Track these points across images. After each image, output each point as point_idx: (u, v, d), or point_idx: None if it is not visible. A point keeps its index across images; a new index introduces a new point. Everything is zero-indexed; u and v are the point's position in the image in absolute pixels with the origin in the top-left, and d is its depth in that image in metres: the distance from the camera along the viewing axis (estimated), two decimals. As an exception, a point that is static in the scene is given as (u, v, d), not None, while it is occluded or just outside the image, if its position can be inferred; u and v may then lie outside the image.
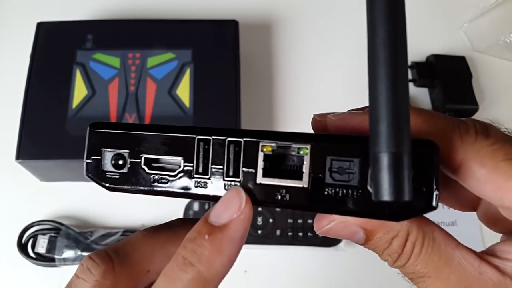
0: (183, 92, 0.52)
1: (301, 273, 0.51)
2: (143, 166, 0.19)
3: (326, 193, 0.18)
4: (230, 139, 0.19)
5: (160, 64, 0.53)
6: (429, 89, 0.61)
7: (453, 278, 0.18)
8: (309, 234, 0.50)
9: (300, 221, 0.50)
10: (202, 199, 0.19)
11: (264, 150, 0.18)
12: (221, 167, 0.19)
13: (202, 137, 0.19)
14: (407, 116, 0.15)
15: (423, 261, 0.19)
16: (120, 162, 0.20)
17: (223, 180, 0.19)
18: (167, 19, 0.58)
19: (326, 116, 0.20)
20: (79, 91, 0.51)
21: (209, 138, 0.19)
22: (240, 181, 0.19)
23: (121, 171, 0.20)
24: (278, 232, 0.50)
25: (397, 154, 0.14)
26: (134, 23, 0.57)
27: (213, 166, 0.19)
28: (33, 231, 0.50)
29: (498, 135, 0.18)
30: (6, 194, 0.54)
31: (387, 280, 0.50)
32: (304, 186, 0.18)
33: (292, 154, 0.18)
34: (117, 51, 0.53)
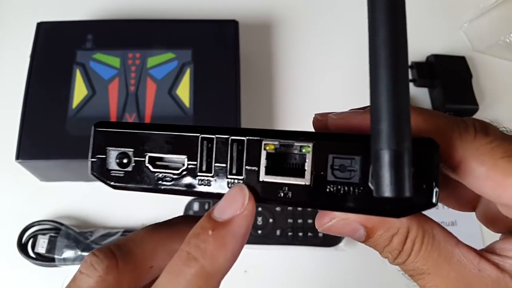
0: (183, 92, 0.52)
1: (301, 273, 0.51)
2: (147, 165, 0.20)
3: (328, 190, 0.18)
4: (233, 137, 0.19)
5: (160, 64, 0.53)
6: (429, 89, 0.61)
7: (452, 275, 0.19)
8: (309, 234, 0.50)
9: (300, 221, 0.50)
10: (205, 197, 0.19)
11: (267, 148, 0.19)
12: (224, 165, 0.19)
13: (205, 135, 0.19)
14: (407, 115, 0.15)
15: (423, 258, 0.19)
16: (125, 160, 0.20)
17: (227, 178, 0.19)
18: (167, 19, 0.58)
19: (327, 115, 0.21)
20: (79, 91, 0.51)
21: (213, 136, 0.19)
22: (243, 179, 0.19)
23: (126, 169, 0.20)
24: (278, 232, 0.50)
25: (398, 151, 0.15)
26: (134, 23, 0.57)
27: (216, 164, 0.19)
28: (33, 231, 0.50)
29: (497, 133, 0.18)
30: (6, 194, 0.54)
31: (387, 280, 0.50)
32: (306, 183, 0.18)
33: (294, 152, 0.19)
34: (117, 51, 0.53)
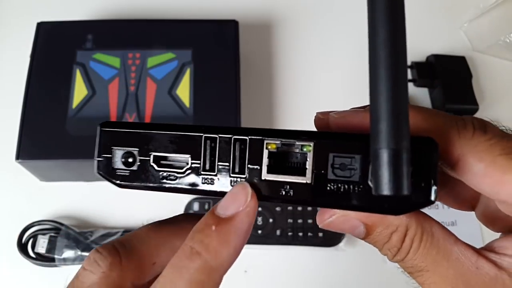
0: (183, 92, 0.52)
1: (301, 273, 0.51)
2: (152, 164, 0.20)
3: (328, 188, 0.18)
4: (236, 137, 0.19)
5: (160, 64, 0.53)
6: (429, 89, 0.61)
7: (451, 272, 0.19)
8: (309, 234, 0.50)
9: (300, 221, 0.50)
10: (209, 195, 0.20)
11: (269, 147, 0.19)
12: (227, 164, 0.19)
13: (209, 135, 0.19)
14: (406, 115, 0.15)
15: (421, 255, 0.19)
16: (130, 160, 0.20)
17: (229, 176, 0.19)
18: (167, 19, 0.58)
19: (328, 114, 0.21)
20: (79, 91, 0.51)
21: (216, 136, 0.19)
22: (246, 177, 0.19)
23: (131, 168, 0.20)
24: (278, 232, 0.50)
25: (396, 150, 0.15)
26: (134, 23, 0.57)
27: (219, 163, 0.19)
28: (33, 231, 0.50)
29: (495, 131, 0.18)
30: (6, 194, 0.54)
31: (387, 280, 0.50)
32: (307, 182, 0.19)
33: (295, 151, 0.19)
34: (117, 51, 0.53)
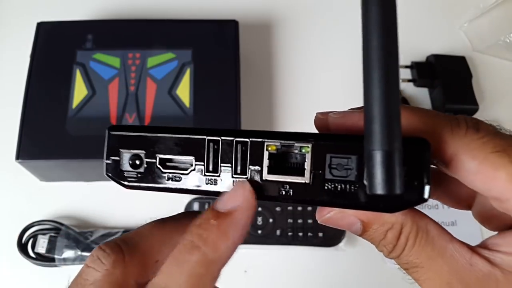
0: (183, 92, 0.52)
1: (301, 273, 0.51)
2: (158, 166, 0.21)
3: (326, 187, 0.19)
4: (238, 139, 0.20)
5: (160, 64, 0.53)
6: (429, 89, 0.61)
7: (445, 269, 0.19)
8: (309, 234, 0.50)
9: (300, 221, 0.50)
10: (212, 195, 0.21)
11: (269, 149, 0.20)
12: (229, 165, 0.20)
13: (212, 138, 0.20)
14: (398, 117, 0.16)
15: (416, 252, 0.20)
16: (137, 162, 0.21)
17: (232, 177, 0.20)
18: (167, 19, 0.58)
19: (327, 114, 0.22)
20: (79, 91, 0.51)
21: (218, 138, 0.20)
22: (247, 178, 0.20)
23: (138, 170, 0.21)
24: (278, 232, 0.50)
25: (389, 151, 0.16)
26: (134, 23, 0.57)
27: (222, 164, 0.20)
28: (33, 231, 0.50)
29: (488, 130, 0.19)
30: (6, 194, 0.54)
31: (387, 280, 0.50)
32: (306, 181, 0.19)
33: (294, 152, 0.20)
34: (117, 51, 0.54)
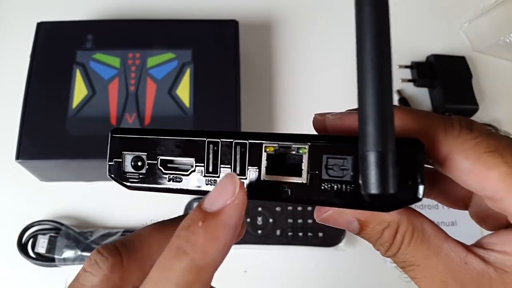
0: (183, 92, 0.52)
1: (301, 273, 0.51)
2: (159, 167, 0.21)
3: (322, 187, 0.19)
4: (237, 141, 0.21)
5: (160, 64, 0.53)
6: (429, 89, 0.61)
7: (440, 267, 0.20)
8: (309, 234, 0.50)
9: (300, 221, 0.50)
10: None
11: (267, 150, 0.20)
12: (229, 166, 0.21)
13: (211, 139, 0.21)
14: (391, 118, 0.16)
15: (412, 250, 0.20)
16: (139, 163, 0.21)
17: None
18: (167, 19, 0.58)
19: (325, 115, 0.22)
20: (79, 91, 0.51)
21: (218, 140, 0.21)
22: (246, 178, 0.20)
23: (140, 171, 0.22)
24: (278, 232, 0.50)
25: (382, 152, 0.16)
26: (134, 23, 0.57)
27: (221, 165, 0.21)
28: (33, 231, 0.50)
29: (481, 130, 0.19)
30: (6, 194, 0.54)
31: (387, 280, 0.50)
32: (303, 182, 0.20)
33: (292, 153, 0.20)
34: (117, 51, 0.54)
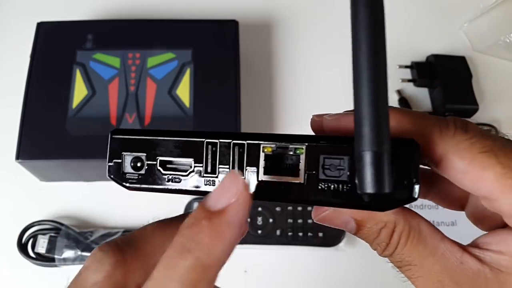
0: (183, 92, 0.52)
1: (301, 273, 0.51)
2: (158, 168, 0.21)
3: (319, 187, 0.20)
4: (235, 141, 0.21)
5: (160, 64, 0.53)
6: (429, 89, 0.61)
7: (436, 267, 0.20)
8: (309, 234, 0.50)
9: (300, 221, 0.50)
10: None
11: (265, 150, 0.20)
12: (227, 166, 0.21)
13: (210, 140, 0.21)
14: (386, 118, 0.16)
15: (408, 250, 0.20)
16: (138, 164, 0.22)
17: None
18: (167, 19, 0.58)
19: (323, 116, 0.22)
20: (79, 91, 0.51)
21: (216, 141, 0.21)
22: (244, 178, 0.20)
23: (139, 172, 0.22)
24: (278, 232, 0.50)
25: (378, 152, 0.16)
26: (134, 23, 0.57)
27: (220, 166, 0.21)
28: (33, 231, 0.50)
29: (476, 130, 0.19)
30: (6, 194, 0.54)
31: (387, 280, 0.50)
32: (301, 182, 0.20)
33: (289, 153, 0.20)
34: (117, 51, 0.54)
